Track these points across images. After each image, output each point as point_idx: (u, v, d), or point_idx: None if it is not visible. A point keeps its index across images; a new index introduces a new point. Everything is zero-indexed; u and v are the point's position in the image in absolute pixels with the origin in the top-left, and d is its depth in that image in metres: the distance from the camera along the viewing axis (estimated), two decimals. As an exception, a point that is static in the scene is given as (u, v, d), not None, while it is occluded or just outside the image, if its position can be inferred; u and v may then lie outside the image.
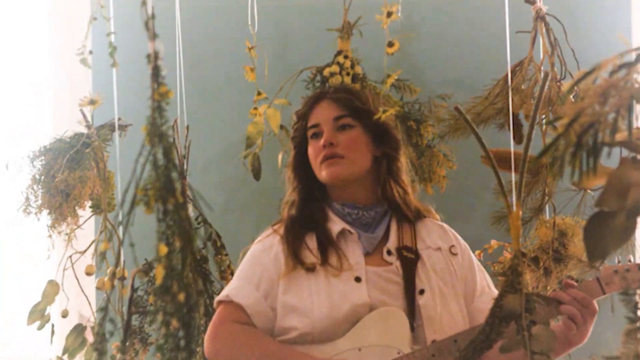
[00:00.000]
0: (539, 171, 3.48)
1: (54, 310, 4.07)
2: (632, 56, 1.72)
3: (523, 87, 3.72)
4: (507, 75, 3.73)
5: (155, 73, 1.82)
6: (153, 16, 1.80)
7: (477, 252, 3.79)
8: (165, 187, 1.80)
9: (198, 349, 1.89)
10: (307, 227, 3.25)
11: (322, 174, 3.23)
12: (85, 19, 3.61)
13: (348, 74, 4.29)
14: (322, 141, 3.21)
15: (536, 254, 3.41)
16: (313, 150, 3.27)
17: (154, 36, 1.82)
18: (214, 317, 3.18)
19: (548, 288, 3.58)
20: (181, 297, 1.82)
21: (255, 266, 3.23)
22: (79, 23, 3.84)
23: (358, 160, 3.25)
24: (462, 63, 4.86)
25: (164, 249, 1.80)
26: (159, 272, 1.79)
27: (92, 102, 3.41)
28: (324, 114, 3.29)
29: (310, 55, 4.59)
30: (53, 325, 4.02)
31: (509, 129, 3.65)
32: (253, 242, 3.36)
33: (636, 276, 3.05)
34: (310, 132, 3.31)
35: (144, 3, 1.81)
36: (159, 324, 1.81)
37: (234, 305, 3.14)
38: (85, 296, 4.08)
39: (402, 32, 4.40)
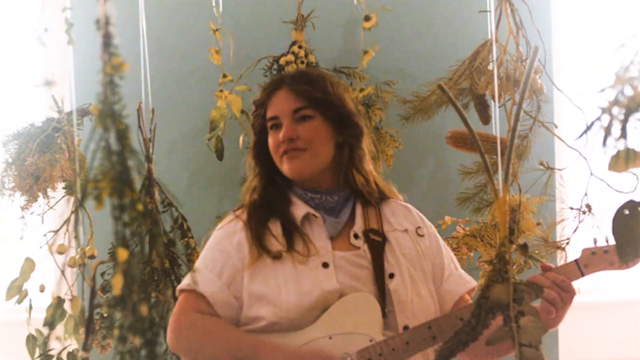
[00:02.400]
0: (503, 152, 3.08)
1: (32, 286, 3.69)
2: None
3: (489, 67, 3.25)
4: (471, 55, 3.27)
5: (107, 42, 1.24)
6: None
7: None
8: (120, 178, 1.22)
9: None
10: (270, 212, 2.77)
11: (284, 167, 2.74)
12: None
13: (302, 62, 4.00)
14: (282, 134, 2.71)
15: (525, 244, 2.98)
16: (273, 142, 2.77)
17: None
18: (175, 307, 2.71)
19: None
20: (143, 309, 1.25)
21: (217, 253, 2.74)
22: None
23: (320, 151, 2.75)
24: (403, 53, 4.42)
25: (123, 254, 1.27)
26: (117, 281, 1.27)
27: (47, 84, 2.91)
28: (282, 105, 2.77)
29: (267, 45, 4.22)
30: (30, 300, 3.65)
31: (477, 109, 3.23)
32: (215, 228, 2.87)
33: (615, 257, 2.52)
34: (269, 124, 2.80)
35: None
36: (115, 341, 1.26)
37: (195, 294, 2.65)
38: (62, 272, 3.81)
39: (347, 25, 4.30)
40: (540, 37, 3.16)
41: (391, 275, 2.63)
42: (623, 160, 1.23)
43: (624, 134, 1.18)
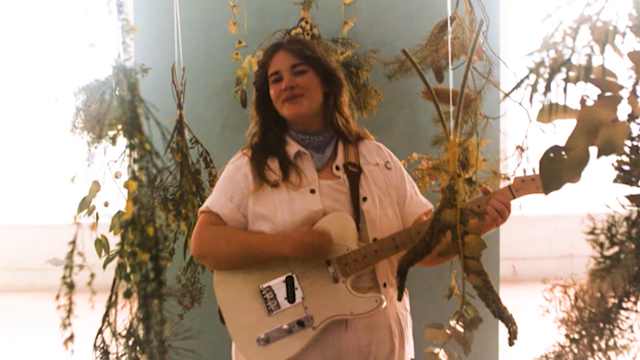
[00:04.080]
0: (469, 104, 2.92)
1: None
2: None
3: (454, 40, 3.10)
4: (435, 28, 3.12)
5: (119, 11, 1.11)
6: None
7: (401, 161, 3.20)
8: (131, 122, 1.08)
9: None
10: (269, 151, 2.70)
11: (285, 111, 2.66)
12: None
13: (308, 34, 3.89)
14: (283, 84, 2.63)
15: (470, 176, 2.85)
16: (275, 92, 2.68)
17: None
18: (197, 223, 2.66)
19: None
20: (150, 230, 1.13)
21: (229, 182, 2.68)
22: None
23: (313, 97, 2.66)
24: (389, 26, 4.28)
25: (133, 184, 1.16)
26: (128, 207, 1.15)
27: (92, 46, 2.76)
28: (282, 62, 2.68)
29: (282, 20, 4.13)
30: (97, 213, 3.44)
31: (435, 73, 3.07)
32: (227, 163, 2.80)
33: (540, 185, 2.42)
34: (271, 78, 2.70)
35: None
36: (126, 256, 1.14)
37: (213, 214, 2.62)
38: (121, 192, 3.55)
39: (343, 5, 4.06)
40: (485, 14, 2.99)
41: (364, 199, 2.56)
42: (547, 113, 1.09)
43: (547, 91, 1.03)
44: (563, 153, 1.11)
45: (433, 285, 4.02)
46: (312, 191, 2.55)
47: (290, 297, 2.46)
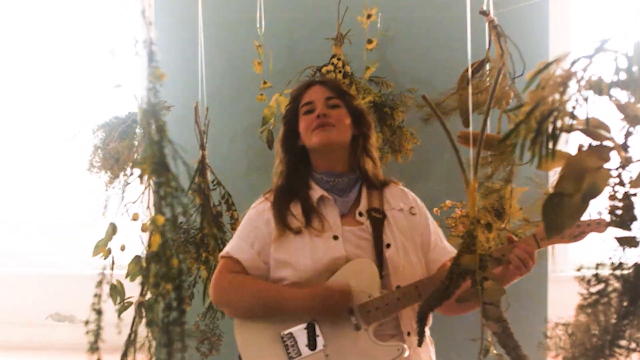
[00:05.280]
0: (505, 150, 3.15)
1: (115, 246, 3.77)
2: (591, 50, 1.28)
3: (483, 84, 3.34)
4: (465, 70, 3.38)
5: (150, 58, 1.39)
6: (150, 5, 1.36)
7: (434, 209, 3.49)
8: (159, 162, 1.35)
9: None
10: (292, 195, 2.94)
11: (314, 139, 2.91)
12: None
13: (340, 72, 4.16)
14: (316, 112, 2.92)
15: (488, 220, 3.07)
16: (306, 123, 2.95)
17: (149, 24, 1.37)
18: (217, 269, 2.90)
19: (491, 238, 3.26)
20: (175, 262, 1.39)
21: (250, 228, 2.93)
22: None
23: (344, 131, 2.94)
24: (425, 65, 4.54)
25: (160, 219, 1.40)
26: (155, 239, 1.39)
27: (117, 86, 3.04)
28: (317, 94, 2.99)
29: (312, 56, 4.34)
30: (113, 257, 3.71)
31: (464, 118, 3.32)
32: (249, 207, 3.04)
33: (566, 233, 2.73)
34: (303, 109, 2.99)
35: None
36: (150, 286, 1.40)
37: (233, 260, 2.86)
38: (140, 236, 3.79)
39: (379, 40, 4.33)
40: (521, 57, 3.21)
41: (388, 246, 2.78)
42: (545, 161, 1.34)
43: (536, 141, 1.28)
44: (563, 199, 1.37)
45: (461, 334, 4.18)
46: (335, 237, 2.78)
47: (312, 345, 2.69)
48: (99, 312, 1.50)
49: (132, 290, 3.28)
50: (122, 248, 3.76)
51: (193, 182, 3.57)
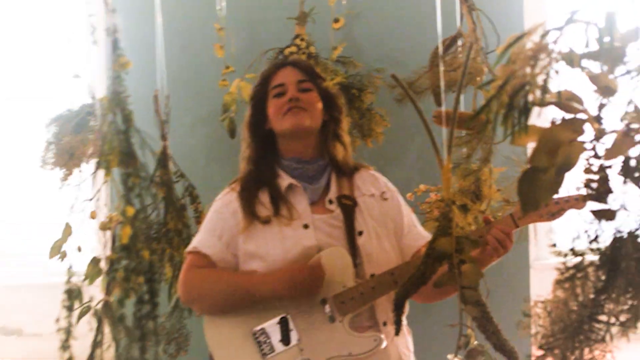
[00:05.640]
0: (483, 128, 3.23)
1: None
2: (562, 21, 1.37)
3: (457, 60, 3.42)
4: (442, 49, 3.46)
5: (115, 46, 1.46)
6: None
7: (408, 194, 3.54)
8: (126, 152, 1.43)
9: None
10: (260, 184, 3.00)
11: (286, 123, 2.96)
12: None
13: (304, 53, 4.21)
14: (288, 96, 2.97)
15: (464, 202, 3.17)
16: (276, 106, 3.00)
17: (112, 11, 1.44)
18: (184, 265, 2.95)
19: (469, 221, 3.35)
20: (145, 254, 1.46)
21: (217, 220, 2.99)
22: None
23: (315, 115, 3.00)
24: (394, 43, 4.59)
25: (130, 210, 1.46)
26: (126, 231, 1.46)
27: (76, 76, 3.10)
28: (289, 76, 3.04)
29: (274, 38, 4.41)
30: (69, 259, 3.70)
31: (436, 94, 3.40)
32: (215, 199, 3.09)
33: (544, 211, 2.82)
34: (273, 92, 3.03)
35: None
36: (120, 280, 1.47)
37: (200, 254, 2.92)
38: (98, 235, 3.81)
39: (345, 19, 4.39)
40: (495, 31, 3.28)
41: (360, 233, 2.86)
42: (519, 136, 1.44)
43: (508, 116, 1.38)
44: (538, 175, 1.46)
45: (439, 322, 4.24)
46: (306, 226, 2.85)
47: (285, 340, 2.77)
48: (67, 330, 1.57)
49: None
50: (79, 249, 3.73)
51: (155, 175, 3.60)
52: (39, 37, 4.88)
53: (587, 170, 1.46)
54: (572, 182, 1.48)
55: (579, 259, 1.43)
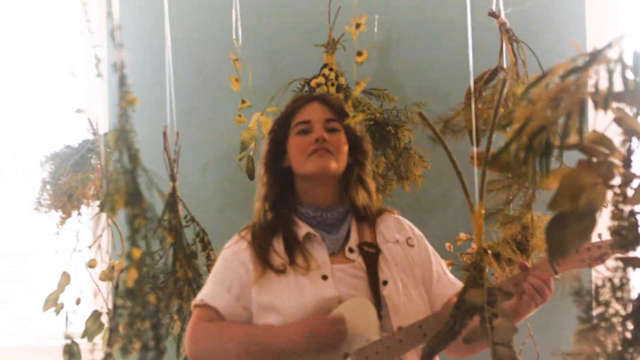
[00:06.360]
0: (520, 171, 3.36)
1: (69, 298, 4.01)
2: (583, 61, 1.54)
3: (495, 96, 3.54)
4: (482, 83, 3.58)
5: (122, 82, 1.64)
6: (119, 26, 1.61)
7: (447, 243, 3.63)
8: (132, 193, 1.60)
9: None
10: (274, 231, 3.12)
11: (310, 166, 3.08)
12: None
13: (333, 84, 4.30)
14: (314, 136, 3.08)
15: (498, 250, 3.28)
16: (300, 144, 3.12)
17: (119, 45, 1.63)
18: (191, 319, 3.08)
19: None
20: (152, 298, 1.63)
21: (226, 270, 3.12)
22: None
23: (341, 160, 3.13)
24: (435, 74, 4.75)
25: (137, 253, 1.62)
26: (131, 275, 1.62)
27: (78, 111, 3.28)
28: (316, 113, 3.16)
29: (299, 67, 4.55)
30: (67, 313, 3.94)
31: (470, 134, 3.53)
32: (223, 248, 3.23)
33: (585, 256, 2.92)
34: (298, 128, 3.16)
35: (109, 14, 1.65)
36: (125, 326, 1.64)
37: (208, 307, 3.05)
38: (96, 285, 4.06)
39: (380, 46, 4.56)
40: (539, 64, 3.41)
41: (385, 282, 2.98)
42: (547, 180, 1.60)
43: (528, 158, 1.55)
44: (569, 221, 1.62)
45: None
46: (325, 277, 2.97)
47: (305, 398, 2.87)
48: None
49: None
50: (78, 301, 3.94)
51: (163, 219, 3.64)
52: (37, 68, 5.05)
53: (616, 216, 1.61)
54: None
55: (602, 308, 1.59)
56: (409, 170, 4.30)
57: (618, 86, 1.57)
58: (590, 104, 1.56)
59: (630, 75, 1.56)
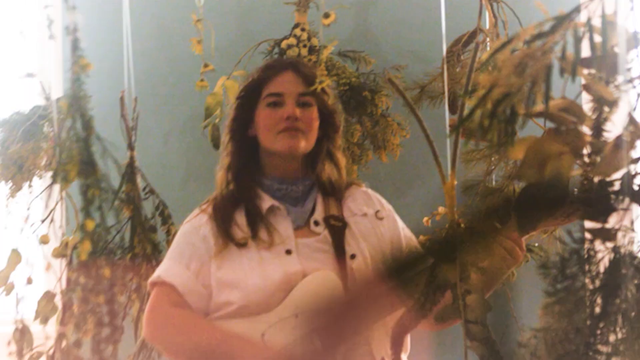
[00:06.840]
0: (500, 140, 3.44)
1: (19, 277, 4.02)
2: (550, 26, 1.65)
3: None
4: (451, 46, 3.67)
5: (75, 45, 1.73)
6: None
7: (425, 218, 3.71)
8: (86, 162, 1.70)
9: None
10: (236, 204, 3.20)
11: (278, 144, 3.15)
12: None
13: (305, 45, 4.31)
14: (285, 112, 3.13)
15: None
16: (270, 118, 3.18)
17: (72, 8, 1.73)
18: (150, 300, 3.14)
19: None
20: (106, 272, 1.73)
21: (184, 246, 3.19)
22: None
23: (312, 138, 3.21)
24: (415, 34, 4.79)
25: (90, 224, 1.71)
26: (85, 247, 1.71)
27: (29, 75, 3.33)
28: (289, 85, 3.22)
29: (268, 27, 4.59)
30: (17, 293, 3.96)
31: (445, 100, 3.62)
32: (183, 222, 3.30)
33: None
34: (268, 100, 3.21)
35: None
36: (79, 302, 1.74)
37: (166, 285, 3.10)
38: (49, 264, 4.03)
39: (357, 5, 4.59)
40: (520, 24, 3.51)
41: (352, 256, 3.07)
42: (513, 148, 1.71)
43: (490, 126, 1.66)
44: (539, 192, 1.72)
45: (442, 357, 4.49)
46: (288, 252, 3.06)
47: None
48: None
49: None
50: (29, 281, 3.96)
51: (120, 190, 3.70)
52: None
53: (584, 186, 1.72)
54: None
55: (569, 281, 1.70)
56: (387, 139, 4.34)
57: (586, 52, 1.67)
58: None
59: (598, 39, 1.66)
